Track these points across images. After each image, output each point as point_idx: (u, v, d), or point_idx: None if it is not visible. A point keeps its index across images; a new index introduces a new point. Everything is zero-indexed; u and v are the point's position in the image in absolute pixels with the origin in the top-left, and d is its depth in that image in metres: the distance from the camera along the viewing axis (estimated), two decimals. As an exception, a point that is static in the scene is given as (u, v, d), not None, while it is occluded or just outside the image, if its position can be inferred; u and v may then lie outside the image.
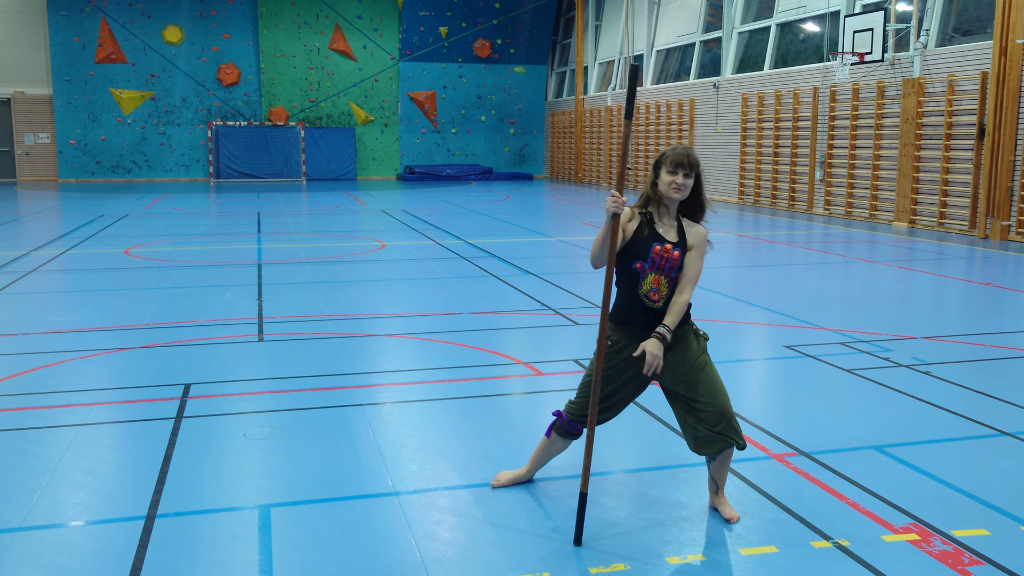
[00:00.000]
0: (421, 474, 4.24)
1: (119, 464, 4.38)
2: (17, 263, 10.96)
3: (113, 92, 29.27)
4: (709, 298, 8.83)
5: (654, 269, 3.60)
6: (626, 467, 4.35)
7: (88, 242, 13.19)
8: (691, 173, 3.59)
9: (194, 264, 10.98)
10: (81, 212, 18.41)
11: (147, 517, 3.74)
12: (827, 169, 17.70)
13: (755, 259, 12.18)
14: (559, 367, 6.18)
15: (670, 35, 24.51)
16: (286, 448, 4.58)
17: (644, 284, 3.61)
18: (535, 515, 3.79)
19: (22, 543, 3.51)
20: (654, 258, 3.58)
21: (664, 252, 3.58)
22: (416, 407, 5.33)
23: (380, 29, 31.21)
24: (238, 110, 30.33)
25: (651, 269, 3.60)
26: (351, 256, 11.89)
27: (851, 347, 6.71)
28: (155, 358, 6.40)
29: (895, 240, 13.79)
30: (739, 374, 6.12)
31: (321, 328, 7.41)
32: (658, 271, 3.60)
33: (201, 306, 8.31)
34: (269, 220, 16.72)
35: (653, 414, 5.09)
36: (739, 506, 3.86)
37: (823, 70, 17.72)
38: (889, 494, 3.96)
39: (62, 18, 28.50)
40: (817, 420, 5.05)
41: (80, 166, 29.43)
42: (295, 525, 3.68)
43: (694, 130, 22.87)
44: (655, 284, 3.61)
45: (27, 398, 5.43)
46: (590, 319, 7.71)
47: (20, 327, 7.41)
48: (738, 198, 20.90)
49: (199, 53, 29.76)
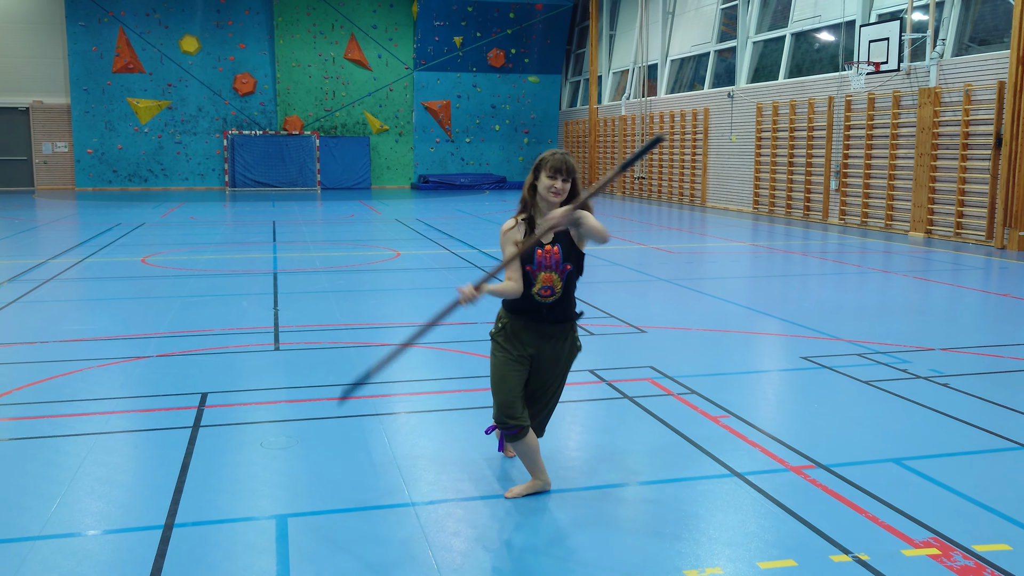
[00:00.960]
0: (437, 484, 4.24)
1: (137, 473, 4.40)
2: (35, 271, 11.04)
3: (130, 101, 29.48)
4: (724, 308, 8.80)
5: (542, 269, 3.85)
6: (642, 479, 4.33)
7: (105, 250, 13.27)
8: (568, 178, 3.82)
9: (210, 273, 11.03)
10: (98, 220, 18.54)
11: (165, 527, 3.75)
12: (842, 179, 17.64)
13: (770, 269, 12.14)
14: (574, 377, 6.15)
15: (684, 45, 24.51)
16: (303, 458, 4.58)
17: (536, 284, 3.86)
18: (549, 528, 3.78)
19: (41, 551, 3.53)
20: (539, 259, 3.83)
21: (546, 253, 3.84)
22: (432, 417, 5.33)
23: (395, 39, 31.34)
24: (253, 119, 30.49)
25: (539, 269, 3.84)
26: (366, 265, 11.92)
27: (868, 358, 6.67)
28: (172, 367, 6.43)
29: (911, 250, 13.72)
30: (755, 385, 6.09)
31: (336, 337, 7.43)
32: (547, 270, 3.85)
33: (217, 315, 8.35)
34: (284, 229, 16.78)
35: (671, 426, 5.08)
36: (757, 519, 3.84)
37: (838, 80, 17.68)
38: (909, 507, 3.93)
39: (80, 28, 28.75)
40: (835, 432, 5.01)
41: (97, 175, 29.63)
42: (312, 535, 3.69)
43: (708, 140, 22.84)
44: (547, 282, 3.86)
45: (45, 406, 5.46)
46: (605, 329, 7.70)
47: (38, 335, 7.46)
48: (752, 208, 20.85)
49: (215, 63, 29.96)
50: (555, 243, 3.86)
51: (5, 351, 6.97)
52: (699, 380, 6.05)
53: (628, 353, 6.91)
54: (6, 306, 8.78)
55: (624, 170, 3.68)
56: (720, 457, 4.57)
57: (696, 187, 23.55)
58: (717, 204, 22.56)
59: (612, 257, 12.57)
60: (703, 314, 8.50)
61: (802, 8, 19.42)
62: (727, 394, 5.72)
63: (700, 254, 13.60)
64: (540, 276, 3.84)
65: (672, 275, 11.01)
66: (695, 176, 23.59)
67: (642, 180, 26.55)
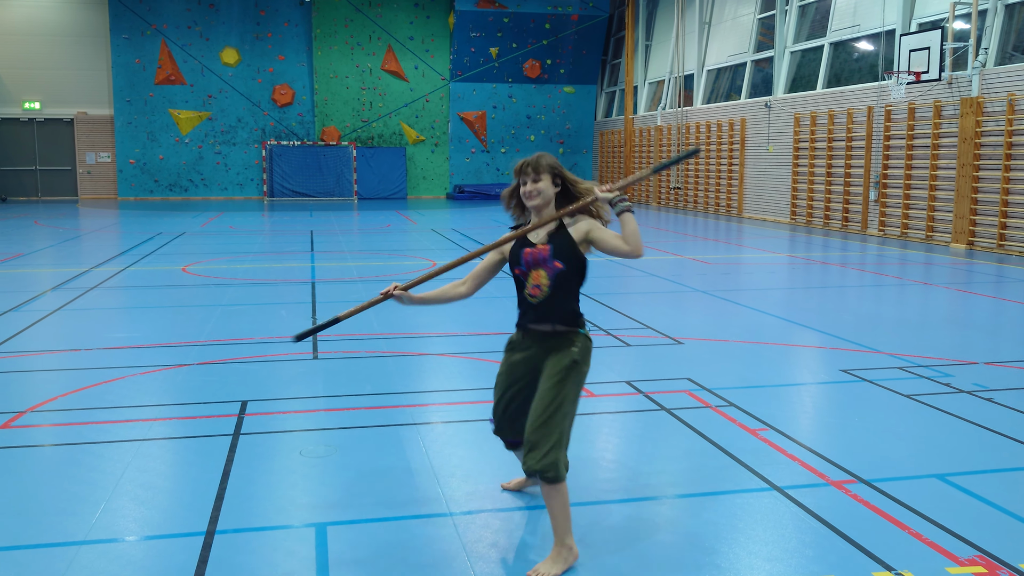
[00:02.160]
0: (475, 494, 4.24)
1: (178, 480, 4.45)
2: (79, 279, 11.24)
3: (171, 112, 29.96)
4: (761, 320, 8.73)
5: (531, 267, 3.69)
6: (680, 492, 4.30)
7: (147, 259, 13.48)
8: (538, 176, 3.67)
9: (249, 282, 11.16)
10: (140, 230, 18.84)
11: (206, 533, 3.79)
12: (882, 189, 17.43)
13: (807, 280, 12.02)
14: (611, 388, 6.15)
15: (721, 55, 24.41)
16: (341, 466, 4.62)
17: (527, 285, 3.71)
18: (585, 540, 3.77)
19: (86, 556, 3.59)
20: (526, 258, 3.69)
21: (534, 252, 3.68)
22: (468, 427, 5.34)
23: (431, 50, 31.56)
24: (292, 130, 30.84)
25: (528, 268, 3.69)
26: (402, 275, 11.98)
27: (909, 372, 6.58)
28: (212, 375, 6.51)
29: (952, 262, 13.51)
30: (794, 398, 6.04)
31: (374, 347, 7.48)
32: (534, 267, 3.68)
33: (257, 323, 8.44)
34: (322, 239, 16.94)
35: (709, 439, 5.04)
36: (797, 534, 3.80)
37: (878, 89, 17.49)
38: (953, 524, 3.87)
39: (124, 41, 29.29)
40: (876, 447, 4.95)
41: (139, 184, 30.14)
42: (351, 544, 3.71)
43: (745, 150, 22.70)
44: (535, 280, 3.68)
45: (89, 413, 5.56)
46: (641, 340, 7.68)
47: (82, 342, 7.60)
48: (790, 218, 20.67)
49: (255, 74, 30.36)
50: (547, 242, 3.68)
51: (50, 358, 7.11)
52: (737, 392, 6.00)
53: (665, 364, 6.88)
54: (51, 313, 8.95)
55: (657, 172, 3.65)
56: (759, 470, 4.53)
57: (732, 198, 23.40)
58: (754, 215, 22.40)
59: (648, 268, 12.53)
60: (740, 326, 8.44)
61: (841, 17, 19.26)
62: (766, 407, 5.67)
63: (737, 265, 13.50)
64: (530, 276, 3.69)
65: (708, 286, 10.94)
66: (731, 186, 23.45)
67: (678, 190, 26.42)
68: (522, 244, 3.73)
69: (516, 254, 3.74)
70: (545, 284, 3.66)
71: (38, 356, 7.17)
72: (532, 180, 3.67)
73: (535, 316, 3.72)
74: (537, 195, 3.67)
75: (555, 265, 3.64)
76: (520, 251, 3.72)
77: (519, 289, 3.76)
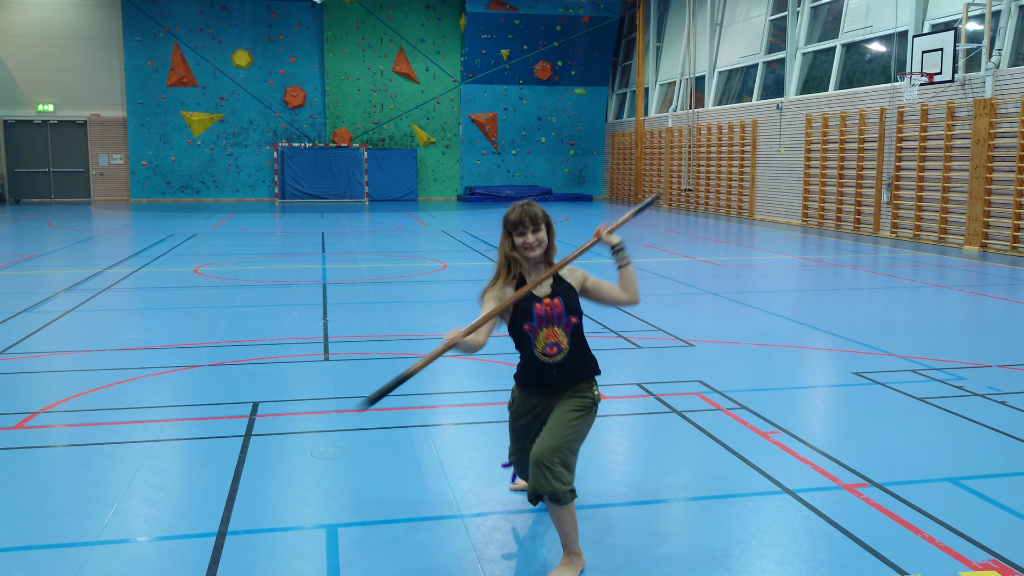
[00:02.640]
0: (486, 497, 4.24)
1: (190, 480, 4.47)
2: (92, 281, 11.30)
3: (184, 114, 30.09)
4: (772, 322, 8.70)
5: (544, 324, 3.52)
6: (691, 495, 4.29)
7: (159, 261, 13.54)
8: (538, 227, 3.52)
9: (261, 283, 11.19)
10: (152, 231, 18.92)
11: (218, 534, 3.80)
12: (894, 191, 17.36)
13: (819, 283, 11.98)
14: (622, 391, 6.14)
15: (732, 56, 24.36)
16: (352, 468, 4.62)
17: (538, 343, 3.53)
18: (597, 543, 3.76)
19: (98, 556, 3.60)
20: (539, 314, 3.51)
21: (547, 307, 3.51)
22: (479, 429, 5.34)
23: (443, 52, 31.60)
24: (303, 132, 30.92)
25: (541, 326, 3.52)
26: (413, 276, 12.00)
27: (922, 375, 6.55)
28: (224, 376, 6.53)
29: (966, 264, 13.44)
30: (806, 401, 6.01)
31: (385, 348, 7.49)
32: (548, 324, 3.52)
33: (268, 325, 8.46)
34: (333, 240, 16.97)
35: (720, 441, 5.03)
36: (809, 537, 3.78)
37: (890, 91, 17.42)
38: (966, 528, 3.84)
39: (137, 43, 29.43)
40: (889, 450, 4.92)
41: (151, 186, 30.27)
42: (362, 546, 3.71)
43: (756, 152, 22.64)
44: (551, 338, 3.52)
45: (101, 413, 5.58)
46: (652, 342, 7.66)
47: (95, 343, 7.63)
48: (801, 220, 20.60)
49: (266, 76, 30.45)
50: (554, 295, 3.54)
51: (63, 359, 7.14)
52: (748, 395, 5.98)
53: (676, 367, 6.87)
54: (64, 315, 8.99)
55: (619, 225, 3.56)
56: (770, 473, 4.52)
57: (744, 199, 23.34)
58: (765, 216, 22.34)
59: (659, 270, 12.50)
60: (752, 328, 8.42)
61: (853, 19, 19.19)
62: (777, 409, 5.65)
63: (748, 267, 13.47)
64: (542, 333, 3.51)
65: (720, 288, 10.91)
66: (743, 188, 23.39)
67: (689, 192, 26.37)
68: (530, 297, 3.54)
69: (527, 309, 3.52)
70: (564, 342, 3.53)
71: (51, 357, 7.21)
72: (533, 231, 3.52)
73: (560, 376, 3.55)
74: (539, 245, 3.53)
75: (570, 320, 3.54)
76: (531, 306, 3.51)
77: (525, 345, 3.58)
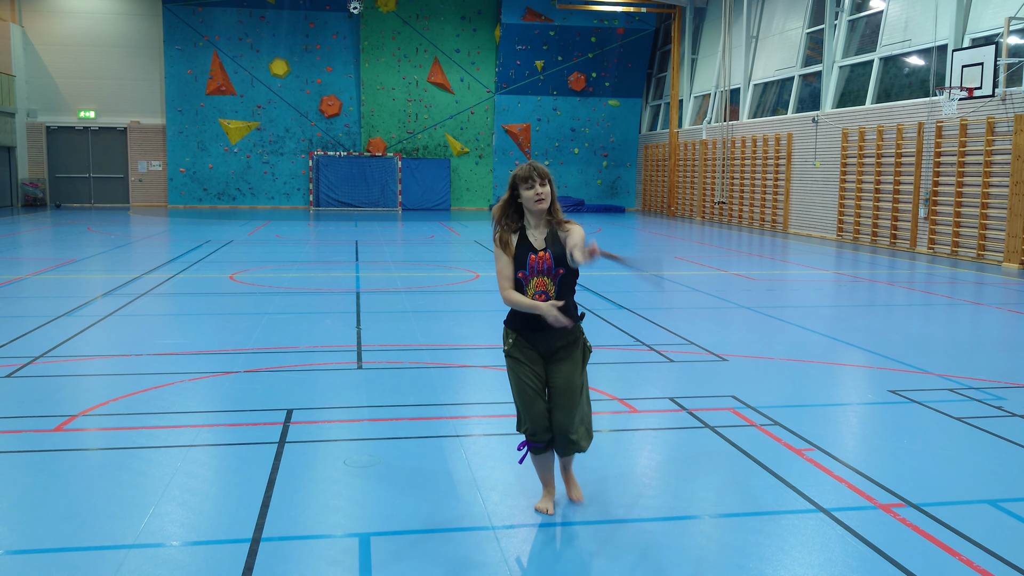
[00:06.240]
0: (517, 508, 4.24)
1: (225, 486, 4.51)
2: (130, 286, 11.46)
3: (221, 122, 30.49)
4: (806, 337, 8.63)
5: (534, 274, 3.99)
6: (724, 512, 4.26)
7: (195, 267, 13.70)
8: (544, 181, 4.00)
9: (295, 291, 11.29)
10: (189, 237, 19.16)
11: (252, 540, 3.84)
12: (932, 207, 17.15)
13: (854, 298, 11.85)
14: (654, 404, 6.12)
15: (768, 69, 24.23)
16: (384, 477, 4.64)
17: (529, 289, 4.00)
18: (627, 557, 3.75)
19: (135, 560, 3.65)
20: (531, 265, 3.98)
21: (538, 259, 3.99)
22: (511, 440, 5.34)
23: (477, 63, 31.76)
24: (338, 140, 31.20)
25: (532, 275, 3.99)
26: (446, 286, 12.04)
27: (960, 394, 6.45)
28: (258, 383, 6.59)
29: (1005, 282, 13.24)
30: (841, 418, 5.95)
31: (417, 357, 7.52)
32: (539, 275, 3.99)
33: (302, 332, 8.54)
34: (366, 249, 17.08)
35: (753, 458, 4.99)
36: (844, 557, 3.74)
37: (928, 105, 17.23)
38: (1006, 552, 3.78)
39: (177, 52, 29.89)
40: (925, 470, 4.86)
41: (188, 193, 30.68)
42: (394, 555, 3.73)
43: (791, 165, 22.48)
44: (540, 287, 3.99)
45: (138, 418, 5.66)
46: (684, 356, 7.62)
47: (132, 348, 7.74)
48: (836, 235, 20.41)
49: (303, 85, 30.78)
50: (546, 249, 4.00)
51: (100, 363, 7.25)
52: (782, 411, 5.93)
53: (709, 381, 6.83)
54: (102, 319, 9.13)
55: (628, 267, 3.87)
56: (805, 491, 4.47)
57: (778, 213, 23.17)
58: (800, 231, 22.16)
59: (692, 283, 12.45)
60: (785, 343, 8.35)
61: (891, 32, 19.02)
62: (811, 426, 5.60)
63: (782, 282, 13.36)
64: (533, 281, 3.98)
65: (753, 303, 10.84)
66: (777, 202, 23.23)
67: (722, 205, 26.24)
68: (527, 248, 4.00)
69: (522, 259, 4.00)
70: (551, 289, 3.99)
71: (89, 361, 7.32)
72: (541, 184, 3.98)
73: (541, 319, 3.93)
74: (546, 198, 3.98)
75: (558, 272, 3.98)
76: (526, 256, 3.99)
77: (519, 290, 4.02)
